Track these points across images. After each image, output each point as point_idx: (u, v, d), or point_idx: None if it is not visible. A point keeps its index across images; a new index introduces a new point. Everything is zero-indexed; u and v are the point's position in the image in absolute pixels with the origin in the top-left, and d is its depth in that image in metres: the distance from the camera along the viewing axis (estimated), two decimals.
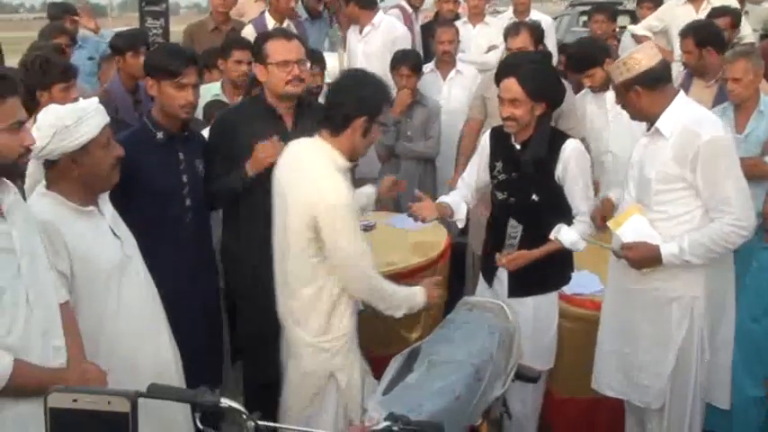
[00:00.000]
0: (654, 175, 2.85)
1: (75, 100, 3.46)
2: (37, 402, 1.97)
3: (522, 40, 4.23)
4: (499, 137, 3.30)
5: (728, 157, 2.78)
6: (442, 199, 3.46)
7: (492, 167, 3.34)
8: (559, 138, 3.19)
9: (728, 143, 2.81)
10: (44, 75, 3.48)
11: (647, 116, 2.91)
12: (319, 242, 2.66)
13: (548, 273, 3.29)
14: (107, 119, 2.49)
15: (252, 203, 3.14)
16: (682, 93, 2.92)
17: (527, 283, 3.27)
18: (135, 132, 3.06)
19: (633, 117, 3.00)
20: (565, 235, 3.15)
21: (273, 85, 3.17)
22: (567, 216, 3.21)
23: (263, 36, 3.28)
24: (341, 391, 2.82)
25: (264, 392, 3.16)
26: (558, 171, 3.14)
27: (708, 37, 4.39)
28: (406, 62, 4.73)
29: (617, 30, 6.30)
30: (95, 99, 2.51)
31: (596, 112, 4.41)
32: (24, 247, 2.10)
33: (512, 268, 3.22)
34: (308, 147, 2.81)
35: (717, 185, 2.75)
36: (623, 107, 2.98)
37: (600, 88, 4.31)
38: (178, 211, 3.05)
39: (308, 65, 3.40)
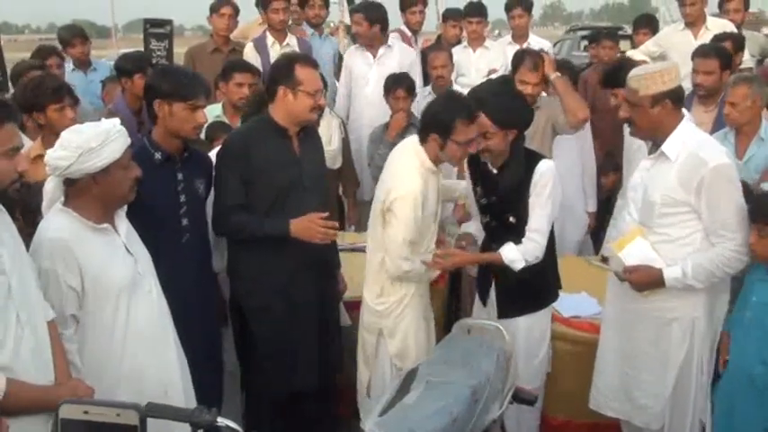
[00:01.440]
0: (659, 198, 2.86)
1: (73, 120, 3.51)
2: (26, 420, 2.01)
3: (539, 76, 4.23)
4: (477, 163, 3.33)
5: (732, 184, 2.81)
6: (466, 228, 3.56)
7: (475, 192, 3.39)
8: (533, 159, 3.22)
9: (733, 170, 2.84)
10: (36, 97, 3.50)
11: (657, 134, 2.90)
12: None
13: (536, 291, 3.31)
14: (129, 141, 2.54)
15: None
16: (687, 117, 2.93)
17: (516, 303, 3.28)
18: (133, 153, 3.09)
19: (639, 133, 2.98)
20: (507, 251, 3.16)
21: (299, 111, 3.19)
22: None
23: (290, 59, 3.25)
24: (389, 348, 3.25)
25: (269, 411, 3.19)
26: (531, 191, 3.18)
27: (730, 61, 4.43)
28: (401, 85, 4.76)
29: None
30: (117, 120, 2.54)
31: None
32: (14, 267, 2.13)
33: (444, 266, 3.28)
34: (409, 143, 3.25)
35: (720, 211, 2.78)
36: (629, 121, 2.95)
37: None
38: (174, 231, 3.06)
39: None
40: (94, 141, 2.40)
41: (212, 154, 3.39)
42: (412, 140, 3.22)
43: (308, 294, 3.30)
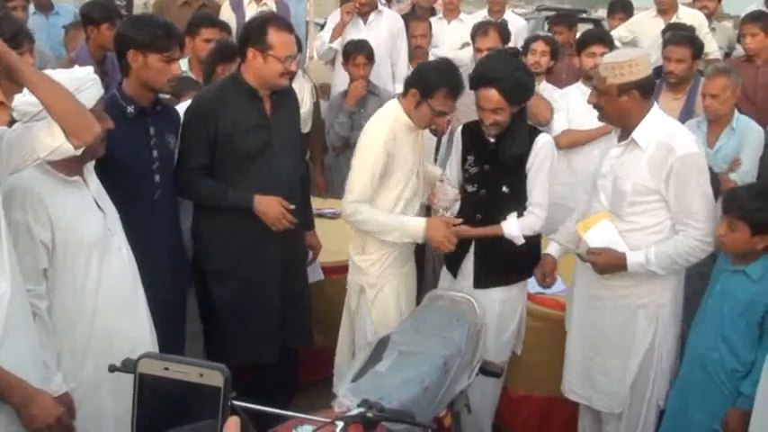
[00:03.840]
0: (630, 187, 2.88)
1: (32, 66, 3.35)
2: None
3: (492, 41, 4.25)
4: (472, 131, 3.33)
5: (700, 173, 2.84)
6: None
7: (464, 161, 3.37)
8: (532, 132, 3.23)
9: (701, 159, 2.87)
10: None
11: (625, 123, 2.92)
12: None
13: (516, 265, 3.31)
14: (102, 91, 2.43)
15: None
16: (656, 105, 2.95)
17: (493, 274, 3.28)
18: (104, 105, 2.99)
19: (607, 119, 3.00)
20: (508, 225, 3.18)
21: (268, 75, 3.11)
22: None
23: (264, 21, 3.14)
24: (369, 305, 3.25)
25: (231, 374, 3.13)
26: (529, 164, 3.19)
27: (701, 49, 4.49)
28: (362, 52, 4.71)
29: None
30: (90, 69, 2.43)
31: (581, 110, 4.32)
32: None
33: (446, 250, 3.23)
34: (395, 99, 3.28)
35: (686, 200, 2.81)
36: (598, 107, 2.96)
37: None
38: (147, 187, 2.97)
39: None
40: (67, 89, 2.28)
41: (180, 108, 3.30)
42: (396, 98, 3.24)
43: (272, 259, 3.26)
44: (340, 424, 1.89)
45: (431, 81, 3.07)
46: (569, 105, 4.48)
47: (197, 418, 0.87)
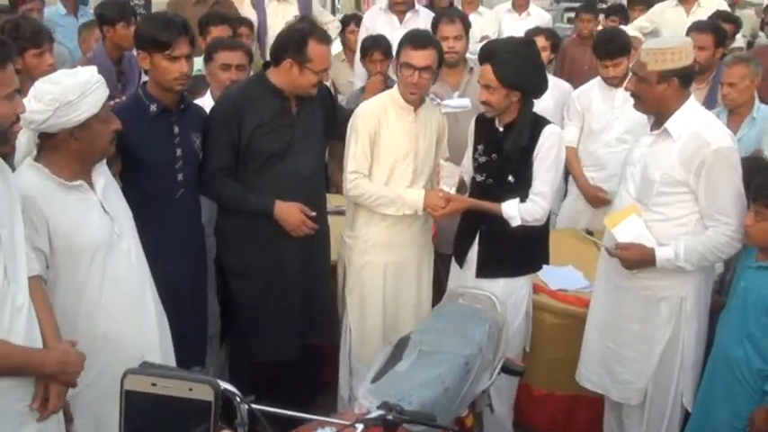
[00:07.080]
0: (659, 176, 2.82)
1: (52, 66, 3.37)
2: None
3: (457, 30, 4.18)
4: (483, 120, 3.30)
5: (733, 168, 2.77)
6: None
7: (474, 150, 3.34)
8: (541, 123, 3.18)
9: (735, 154, 2.79)
10: (14, 41, 3.35)
11: (661, 111, 2.86)
12: None
13: (518, 257, 3.27)
14: (107, 92, 2.41)
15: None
16: (693, 97, 2.89)
17: (496, 264, 3.24)
18: (127, 105, 2.98)
19: (643, 107, 2.93)
20: (508, 206, 3.14)
21: (302, 85, 3.13)
22: None
23: (305, 33, 3.10)
24: (352, 285, 3.41)
25: (252, 374, 3.13)
26: (535, 153, 3.14)
27: (724, 38, 4.40)
28: (379, 48, 4.66)
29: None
30: (94, 69, 2.41)
31: (602, 109, 4.34)
32: (5, 218, 2.02)
33: (444, 214, 3.23)
34: None
35: (717, 194, 2.75)
36: (635, 95, 2.91)
37: (619, 81, 4.22)
38: (169, 185, 2.97)
39: None
40: (72, 94, 2.27)
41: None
42: None
43: (292, 256, 3.25)
44: (360, 426, 1.86)
45: (399, 43, 3.25)
46: (590, 104, 4.41)
47: None
